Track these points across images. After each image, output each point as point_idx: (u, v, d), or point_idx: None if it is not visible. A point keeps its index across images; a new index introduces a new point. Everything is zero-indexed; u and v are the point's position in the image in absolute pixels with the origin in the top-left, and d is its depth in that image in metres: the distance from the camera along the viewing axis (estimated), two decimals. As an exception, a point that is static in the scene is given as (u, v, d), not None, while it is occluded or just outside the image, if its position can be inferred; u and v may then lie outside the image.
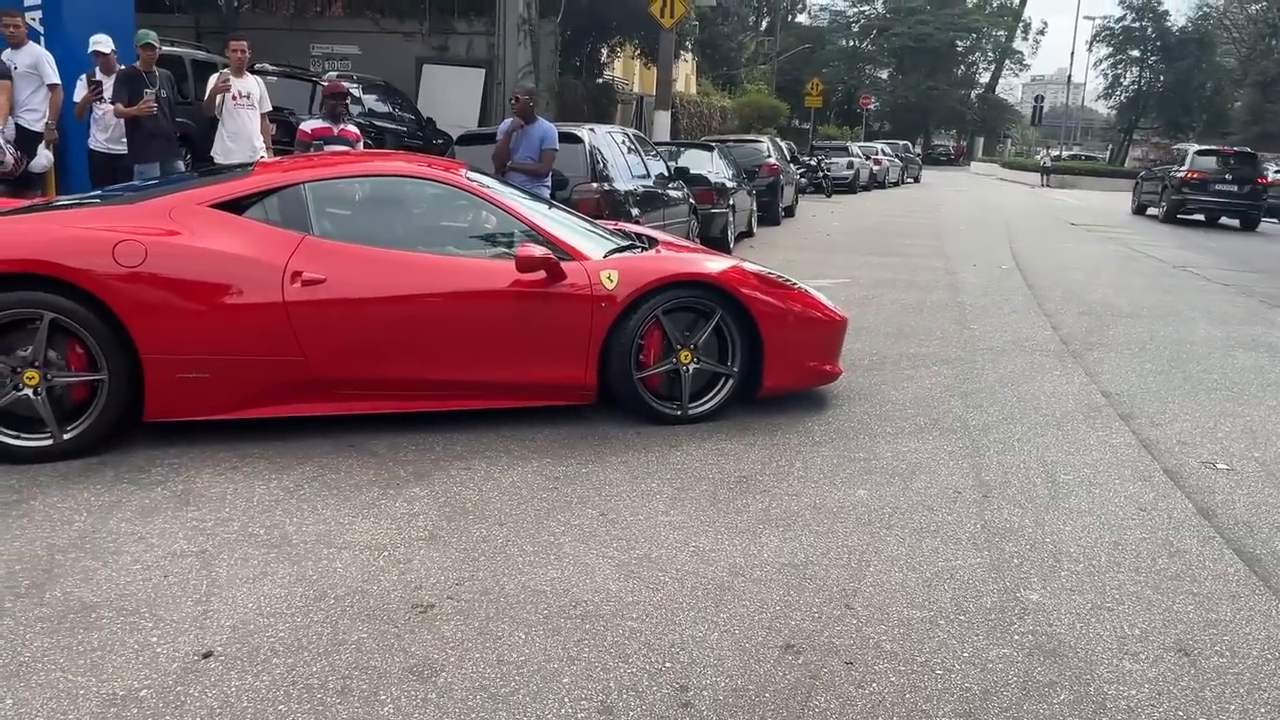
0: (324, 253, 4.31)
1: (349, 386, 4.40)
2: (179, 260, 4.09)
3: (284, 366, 4.23)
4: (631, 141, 9.59)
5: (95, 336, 3.94)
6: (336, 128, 7.35)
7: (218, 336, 4.13)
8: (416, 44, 17.56)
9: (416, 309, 4.40)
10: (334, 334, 4.28)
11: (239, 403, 4.24)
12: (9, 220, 4.24)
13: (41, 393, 3.93)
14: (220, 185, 4.53)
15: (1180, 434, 4.92)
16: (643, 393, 4.72)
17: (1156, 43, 61.22)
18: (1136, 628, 2.88)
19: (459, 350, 4.49)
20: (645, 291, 4.63)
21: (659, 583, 3.07)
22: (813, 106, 40.49)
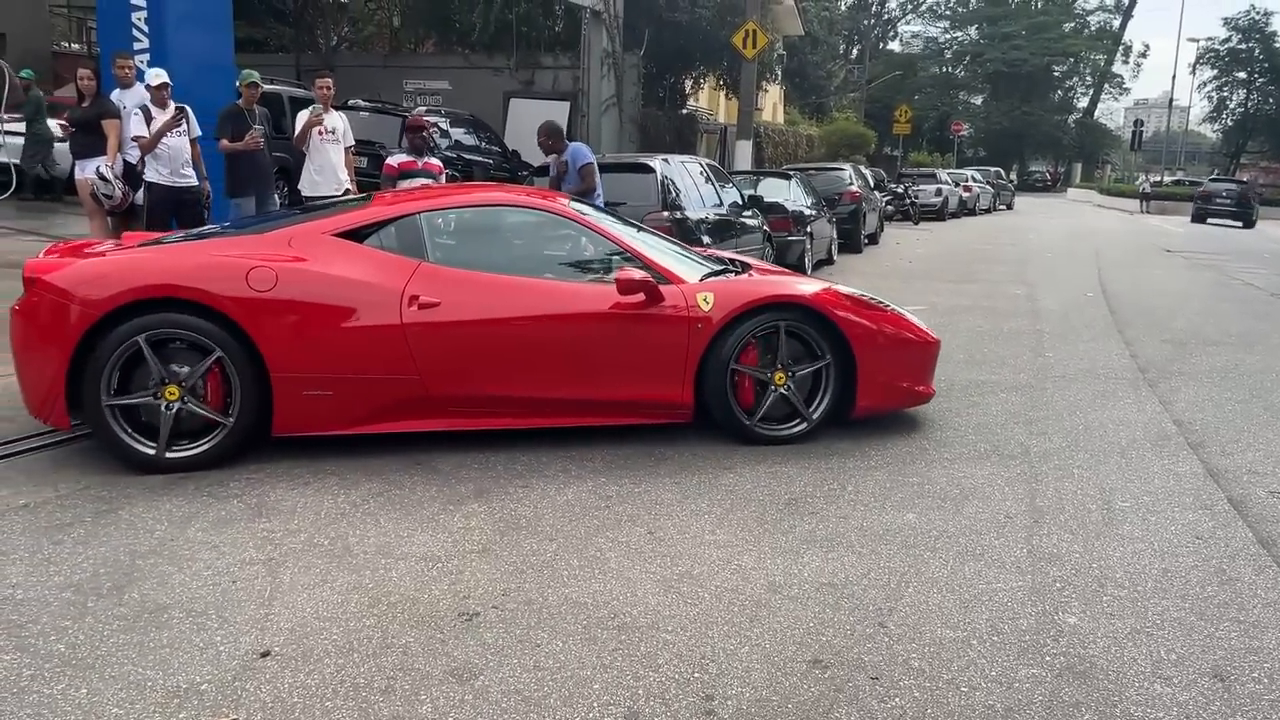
0: (438, 278, 4.60)
1: (459, 404, 4.66)
2: (306, 285, 4.40)
3: (400, 385, 4.51)
4: (706, 171, 9.73)
5: (230, 356, 4.24)
6: (420, 161, 7.66)
7: (340, 356, 4.42)
8: (504, 78, 18.07)
9: (523, 330, 4.66)
10: (447, 354, 4.55)
11: (358, 419, 4.52)
12: (152, 250, 4.65)
13: (173, 409, 4.23)
14: (341, 216, 4.86)
15: (1251, 463, 4.81)
16: (737, 412, 4.86)
17: (1264, 64, 59.07)
18: (1174, 652, 2.86)
19: (563, 369, 4.72)
20: (741, 313, 4.81)
21: (697, 598, 3.16)
22: (901, 134, 40.16)
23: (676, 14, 18.12)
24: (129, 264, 4.38)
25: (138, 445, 4.21)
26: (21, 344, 4.31)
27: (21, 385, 4.37)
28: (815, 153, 30.58)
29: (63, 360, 4.13)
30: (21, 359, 4.33)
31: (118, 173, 7.80)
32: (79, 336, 4.11)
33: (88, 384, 4.13)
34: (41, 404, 4.28)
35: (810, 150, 30.40)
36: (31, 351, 4.29)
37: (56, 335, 4.16)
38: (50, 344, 4.18)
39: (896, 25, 73.82)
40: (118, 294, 4.14)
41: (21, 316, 4.28)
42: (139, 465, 4.20)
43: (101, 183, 7.70)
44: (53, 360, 4.15)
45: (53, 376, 4.16)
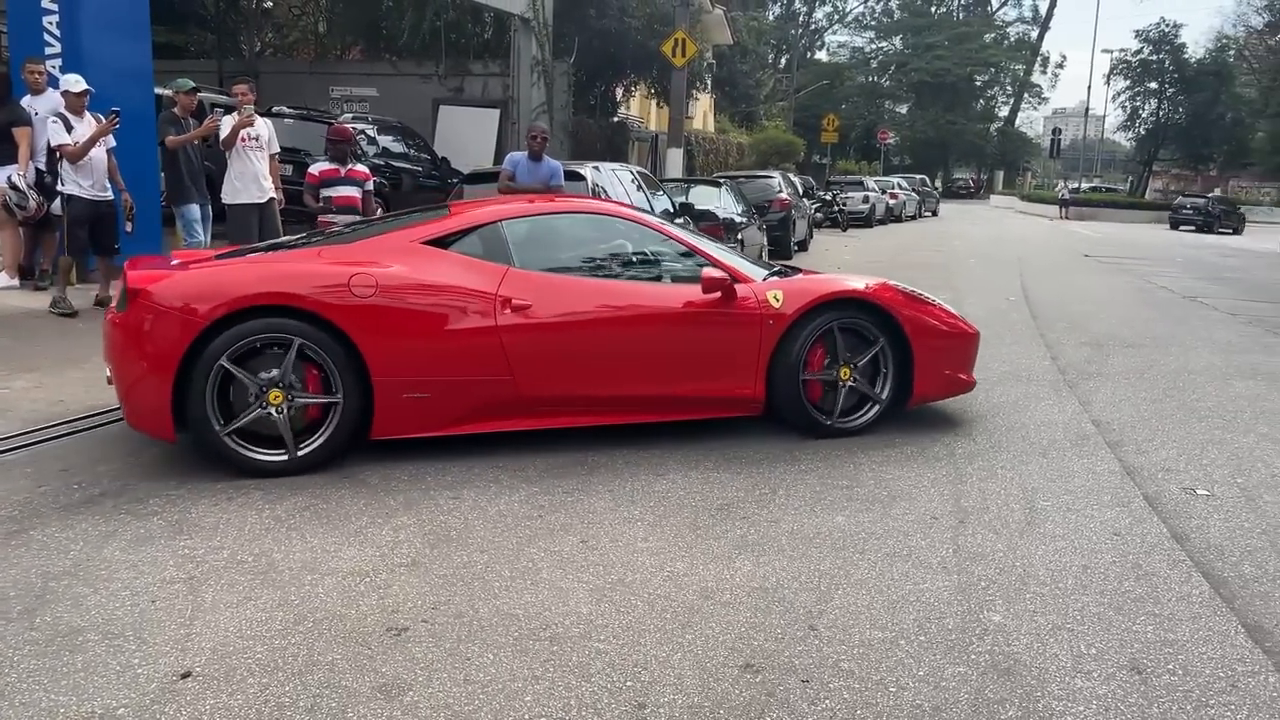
0: (527, 282, 4.78)
1: (547, 404, 4.83)
2: (405, 291, 4.54)
3: (494, 386, 4.68)
4: (637, 178, 9.76)
5: (333, 360, 4.36)
6: (344, 169, 7.56)
7: (438, 359, 4.58)
8: (433, 86, 17.90)
9: (608, 331, 4.88)
10: (538, 355, 4.73)
11: (453, 420, 4.67)
12: (252, 260, 4.77)
13: (284, 412, 4.34)
14: (428, 224, 5.04)
15: (1165, 460, 4.96)
16: (807, 406, 5.12)
17: (1174, 75, 61.19)
18: (1094, 647, 2.93)
19: (645, 367, 4.94)
20: (809, 309, 5.08)
21: (630, 606, 3.15)
22: (829, 142, 40.75)
23: (606, 22, 18.16)
24: (235, 273, 4.49)
25: (240, 450, 4.32)
26: (125, 355, 4.36)
27: (121, 395, 4.41)
28: (746, 161, 30.88)
29: (171, 369, 4.19)
30: (124, 370, 4.38)
31: (31, 182, 7.56)
32: (187, 345, 4.19)
33: (193, 393, 4.21)
34: (146, 415, 4.33)
35: (741, 158, 30.70)
36: (136, 362, 4.32)
37: (165, 345, 4.22)
38: (158, 354, 4.23)
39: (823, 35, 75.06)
40: (226, 303, 4.23)
41: (126, 328, 4.31)
42: (242, 469, 4.30)
43: (13, 192, 7.45)
44: (161, 370, 4.21)
45: (160, 387, 4.22)
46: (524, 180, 7.63)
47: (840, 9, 74.24)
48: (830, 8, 73.85)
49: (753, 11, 42.99)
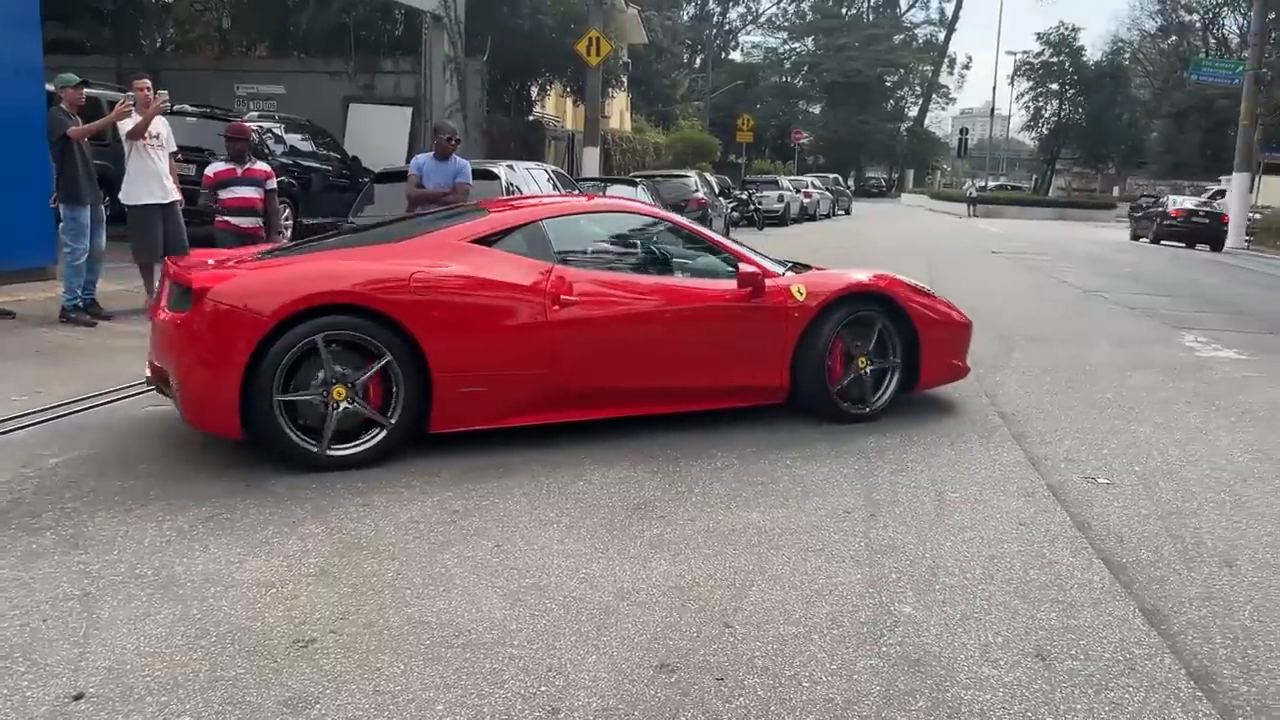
0: (571, 279, 4.96)
1: (591, 396, 5.03)
2: (462, 288, 4.69)
3: (543, 379, 4.85)
4: (553, 177, 9.71)
5: (395, 357, 4.46)
6: (241, 168, 7.34)
7: (494, 354, 4.73)
8: (343, 83, 17.58)
9: (649, 325, 5.11)
10: (584, 349, 4.92)
11: (504, 413, 4.83)
12: (312, 258, 4.85)
13: (341, 407, 4.42)
14: (473, 223, 5.18)
15: (1068, 451, 5.11)
16: (831, 393, 5.42)
17: (1074, 76, 63.31)
18: (1000, 635, 2.99)
19: (682, 359, 5.19)
20: (831, 301, 5.41)
21: (544, 609, 3.12)
22: (744, 141, 41.17)
23: (520, 20, 18.05)
24: (299, 273, 4.58)
25: (304, 444, 4.37)
26: (190, 354, 4.40)
27: (184, 395, 4.42)
28: (663, 160, 31.01)
29: (239, 367, 4.23)
30: (188, 369, 4.41)
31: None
32: (255, 343, 4.24)
33: (259, 390, 4.25)
34: (212, 413, 4.37)
35: (658, 157, 30.82)
36: (202, 361, 4.37)
37: (233, 343, 4.26)
38: (227, 352, 4.27)
39: (737, 35, 75.86)
40: (293, 301, 4.30)
41: (191, 327, 4.35)
42: (302, 463, 4.35)
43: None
44: (229, 368, 4.25)
45: (228, 384, 4.25)
46: (431, 180, 7.51)
47: (753, 10, 75.15)
48: (743, 8, 74.73)
49: (667, 11, 43.20)
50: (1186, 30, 60.71)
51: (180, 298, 4.45)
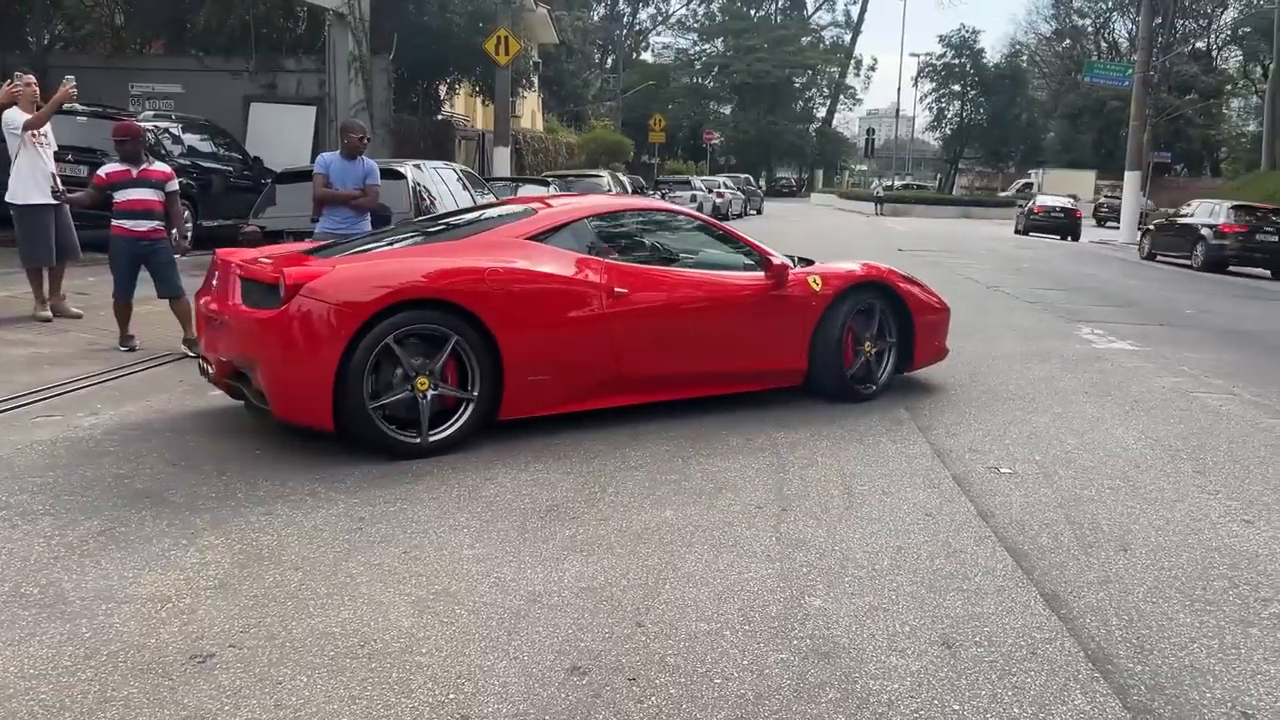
0: (621, 272, 5.32)
1: (641, 382, 5.40)
2: (529, 283, 5.00)
3: (601, 367, 5.20)
4: (462, 177, 9.59)
5: (472, 348, 4.71)
6: (135, 169, 7.08)
7: (558, 344, 5.03)
8: (244, 82, 17.09)
9: (692, 314, 5.53)
10: (634, 338, 5.26)
11: (564, 400, 5.14)
12: (389, 255, 5.12)
13: (428, 396, 4.65)
14: (527, 221, 5.45)
15: (972, 442, 5.23)
16: (845, 375, 5.91)
17: (975, 78, 65.09)
18: (907, 625, 3.04)
19: (719, 346, 5.60)
20: (842, 291, 5.90)
21: (454, 616, 3.06)
22: (656, 142, 41.34)
23: (427, 18, 17.79)
24: (387, 269, 4.80)
25: (403, 437, 4.64)
26: (283, 348, 4.50)
27: (276, 388, 4.55)
28: (576, 160, 30.94)
29: (334, 360, 4.41)
30: (279, 364, 4.53)
31: None
32: (349, 337, 4.43)
33: (350, 382, 4.44)
34: (305, 405, 4.54)
35: (571, 157, 30.74)
36: (296, 355, 4.51)
37: (328, 338, 4.44)
38: (321, 346, 4.45)
39: (648, 36, 76.14)
40: (382, 297, 4.52)
41: (283, 323, 4.46)
42: (403, 454, 4.58)
43: None
44: (324, 361, 4.42)
45: (323, 377, 4.42)
46: (339, 181, 7.33)
47: (663, 11, 75.60)
48: (654, 9, 75.10)
49: (577, 11, 43.11)
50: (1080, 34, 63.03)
51: (263, 294, 4.61)
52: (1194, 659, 2.86)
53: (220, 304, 4.92)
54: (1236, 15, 55.52)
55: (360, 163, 7.42)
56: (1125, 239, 26.74)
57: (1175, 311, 11.70)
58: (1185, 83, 51.63)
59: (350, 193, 7.29)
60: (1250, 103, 56.21)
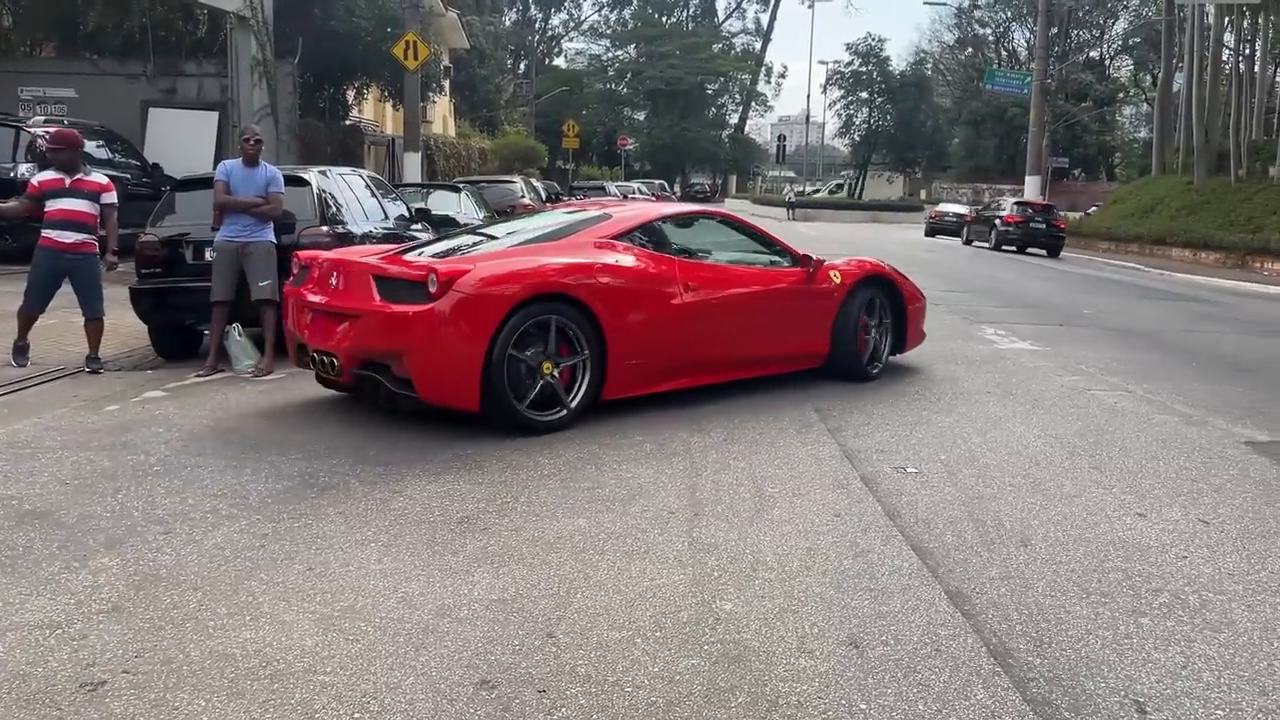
0: (690, 268, 6.14)
1: (705, 365, 6.13)
2: (627, 278, 5.72)
3: (678, 352, 5.91)
4: (369, 184, 9.41)
5: (585, 337, 5.39)
6: (70, 179, 6.79)
7: (648, 331, 5.71)
8: (141, 86, 16.53)
9: (749, 303, 6.32)
10: (701, 325, 6.00)
11: (650, 381, 5.82)
12: (521, 253, 5.70)
13: (555, 378, 5.32)
14: (608, 224, 6.15)
15: (880, 443, 5.32)
16: (860, 356, 6.83)
17: (882, 85, 66.48)
18: (816, 626, 3.07)
19: (764, 331, 6.40)
20: (856, 283, 6.85)
21: (359, 633, 2.99)
22: (570, 147, 41.31)
23: (333, 23, 17.46)
24: (519, 268, 5.37)
25: (532, 416, 5.27)
26: (434, 337, 5.02)
27: (426, 374, 5.06)
28: (489, 166, 30.68)
29: (481, 348, 5.01)
30: (431, 352, 5.05)
31: None
32: (494, 327, 5.03)
33: (494, 367, 5.06)
34: (454, 388, 5.11)
35: (484, 163, 30.47)
36: (448, 344, 5.05)
37: (475, 328, 5.03)
38: (470, 335, 5.03)
39: (561, 42, 76.03)
40: (520, 290, 5.16)
41: (435, 315, 4.99)
42: (531, 430, 5.22)
43: None
44: (471, 349, 5.02)
45: (472, 362, 5.02)
46: (240, 188, 7.14)
47: (575, 17, 75.55)
48: (566, 15, 75.02)
49: (488, 16, 42.87)
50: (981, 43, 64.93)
51: (409, 290, 5.13)
52: (1090, 650, 2.95)
53: (350, 301, 5.36)
54: (1127, 26, 57.84)
55: (262, 169, 7.25)
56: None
57: (1074, 311, 12.10)
58: (1081, 90, 53.61)
59: (252, 200, 7.11)
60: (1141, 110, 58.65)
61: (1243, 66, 25.29)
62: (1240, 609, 3.27)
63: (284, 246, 7.24)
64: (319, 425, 5.54)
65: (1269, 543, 3.91)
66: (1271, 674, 2.83)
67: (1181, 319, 11.69)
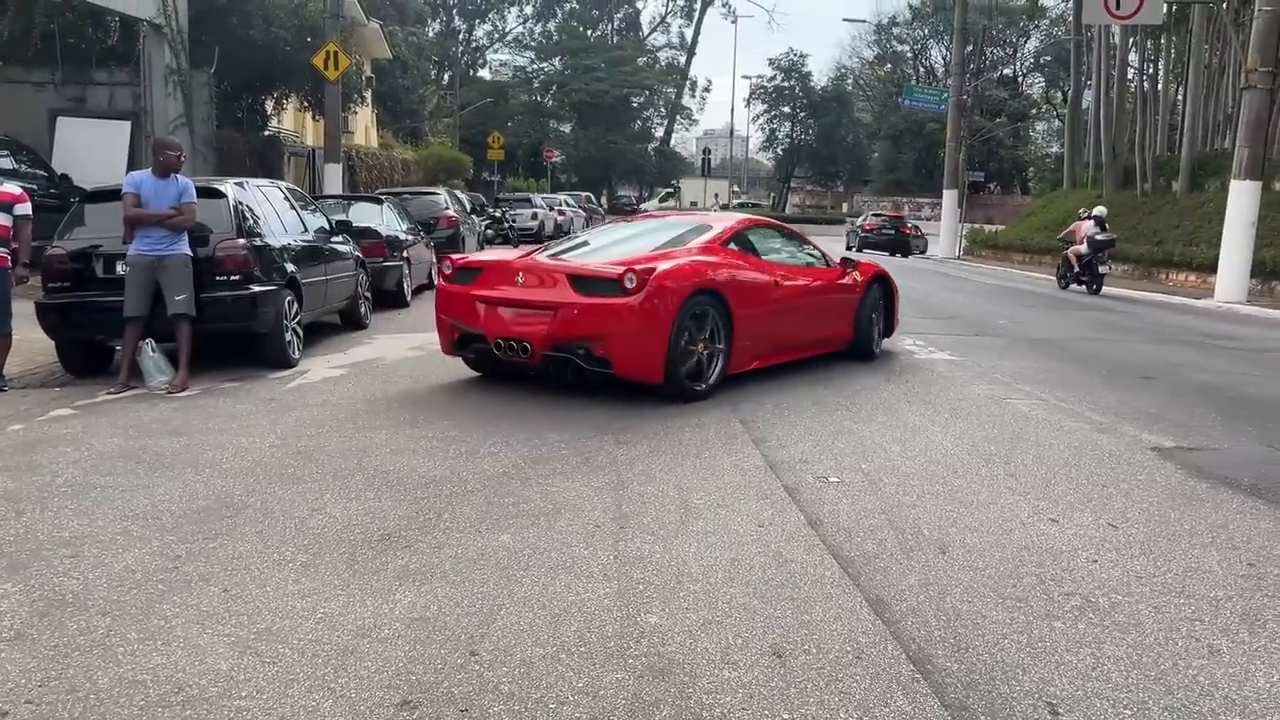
0: (774, 267, 7.60)
1: (779, 348, 7.57)
2: (745, 276, 7.13)
3: (768, 336, 7.35)
4: (288, 195, 9.24)
5: (721, 324, 6.76)
6: None
7: (756, 319, 7.09)
8: (49, 95, 15.99)
9: (809, 296, 7.86)
10: (787, 314, 7.49)
11: (749, 361, 7.19)
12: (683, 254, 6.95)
13: (704, 356, 6.70)
14: (715, 232, 7.49)
15: (803, 453, 5.38)
16: (873, 341, 8.66)
17: (804, 100, 67.52)
18: (740, 637, 3.09)
19: (815, 319, 7.97)
20: (870, 280, 8.59)
21: (277, 655, 2.93)
22: (496, 159, 41.09)
23: (251, 32, 17.12)
24: (685, 268, 6.62)
25: (694, 386, 6.67)
26: (633, 324, 6.24)
27: (624, 352, 6.33)
28: (412, 177, 30.35)
29: (666, 331, 6.31)
30: (629, 336, 6.28)
31: None
32: (674, 315, 6.34)
33: (673, 346, 6.42)
34: (645, 363, 6.38)
35: (407, 175, 30.12)
36: (642, 329, 6.27)
37: (662, 316, 6.30)
38: (659, 321, 6.30)
39: (486, 53, 75.69)
40: (691, 285, 6.51)
41: (633, 306, 6.21)
42: (689, 398, 6.59)
43: None
44: (659, 332, 6.31)
45: (660, 341, 6.32)
46: (152, 200, 6.96)
47: (500, 28, 75.32)
48: (490, 26, 74.74)
49: (411, 27, 42.45)
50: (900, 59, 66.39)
51: (606, 286, 6.31)
52: (1005, 654, 3.02)
53: (544, 296, 6.48)
54: (1038, 45, 59.70)
55: (174, 181, 7.09)
56: (944, 253, 28.25)
57: (990, 322, 12.40)
58: (995, 106, 55.15)
59: (164, 212, 6.95)
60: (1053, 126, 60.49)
61: (1147, 85, 26.27)
62: (1147, 610, 3.38)
63: (196, 259, 7.09)
64: (235, 442, 5.41)
65: (1173, 545, 4.05)
66: (1176, 673, 2.92)
67: (1092, 328, 12.06)
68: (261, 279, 7.51)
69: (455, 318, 6.91)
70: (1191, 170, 22.10)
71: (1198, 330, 12.19)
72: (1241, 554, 3.96)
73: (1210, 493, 4.82)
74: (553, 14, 75.04)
